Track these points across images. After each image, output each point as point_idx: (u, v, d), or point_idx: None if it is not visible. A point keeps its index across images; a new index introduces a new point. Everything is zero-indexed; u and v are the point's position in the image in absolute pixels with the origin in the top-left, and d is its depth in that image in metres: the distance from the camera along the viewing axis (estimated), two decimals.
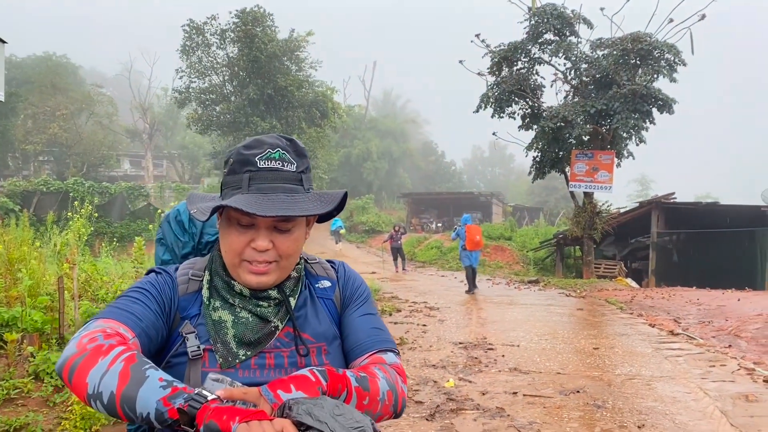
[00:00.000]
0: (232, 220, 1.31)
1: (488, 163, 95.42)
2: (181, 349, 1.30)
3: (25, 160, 45.56)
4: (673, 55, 18.60)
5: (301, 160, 1.36)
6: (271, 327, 1.35)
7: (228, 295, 1.36)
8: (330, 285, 1.50)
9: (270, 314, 1.36)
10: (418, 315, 11.23)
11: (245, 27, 33.47)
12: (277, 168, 1.31)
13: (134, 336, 1.21)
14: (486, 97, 20.92)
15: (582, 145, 20.52)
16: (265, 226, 1.30)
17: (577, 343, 8.61)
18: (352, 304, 1.49)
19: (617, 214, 22.40)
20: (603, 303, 13.48)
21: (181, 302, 1.36)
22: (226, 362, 1.30)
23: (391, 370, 1.36)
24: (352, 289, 1.52)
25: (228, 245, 1.33)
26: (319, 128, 36.29)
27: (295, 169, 1.33)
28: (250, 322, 1.34)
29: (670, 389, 6.13)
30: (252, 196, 1.26)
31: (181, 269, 1.43)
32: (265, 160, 1.30)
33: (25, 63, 46.30)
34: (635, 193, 65.45)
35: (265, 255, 1.31)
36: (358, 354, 1.41)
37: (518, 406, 5.59)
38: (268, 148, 1.31)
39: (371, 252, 30.37)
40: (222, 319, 1.34)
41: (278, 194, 1.28)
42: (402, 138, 53.76)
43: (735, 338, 8.88)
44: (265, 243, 1.30)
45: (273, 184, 1.29)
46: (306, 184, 1.36)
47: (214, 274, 1.40)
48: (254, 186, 1.29)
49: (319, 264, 1.55)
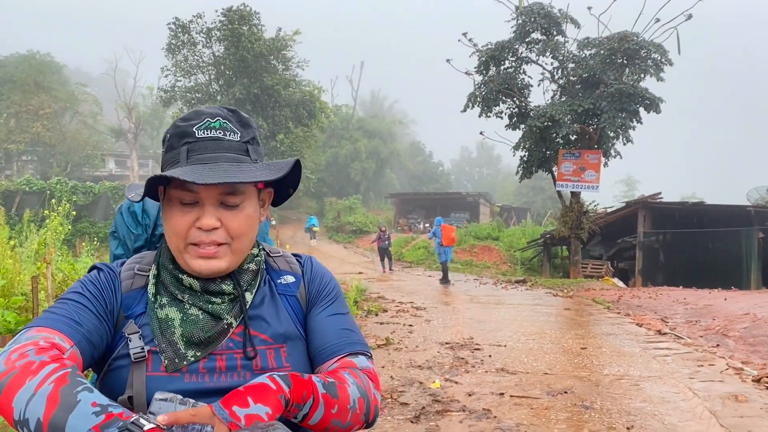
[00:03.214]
0: (174, 200, 1.17)
1: (476, 164, 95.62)
2: (124, 351, 1.17)
3: (8, 159, 44.91)
4: (660, 54, 18.65)
5: (245, 129, 1.23)
6: (223, 325, 1.20)
7: (176, 290, 1.22)
8: (294, 280, 1.35)
9: (223, 311, 1.21)
10: (405, 315, 11.10)
11: (231, 26, 33.19)
12: (218, 137, 1.18)
13: (73, 345, 1.07)
14: (473, 97, 20.87)
15: (569, 145, 20.52)
16: (210, 203, 1.16)
17: (565, 342, 8.52)
18: (320, 303, 1.34)
19: (604, 214, 22.43)
20: (590, 303, 13.43)
21: (124, 300, 1.23)
22: (172, 364, 1.15)
23: (363, 376, 1.22)
24: (319, 286, 1.37)
25: (171, 228, 1.19)
26: (306, 128, 36.02)
27: (239, 138, 1.20)
28: (200, 320, 1.20)
29: (659, 389, 6.04)
30: (191, 167, 1.13)
31: (128, 264, 1.30)
32: (204, 130, 1.17)
33: (8, 61, 45.59)
34: (621, 194, 65.86)
35: (214, 235, 1.17)
36: (326, 357, 1.27)
37: (505, 407, 5.47)
38: (207, 118, 1.19)
39: (358, 252, 30.24)
40: (169, 317, 1.20)
41: (221, 164, 1.15)
42: (390, 138, 53.63)
43: (723, 337, 8.83)
44: (212, 221, 1.15)
45: (215, 154, 1.16)
46: (253, 155, 1.22)
47: (162, 267, 1.26)
48: (193, 158, 1.16)
49: (282, 257, 1.40)
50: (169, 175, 1.10)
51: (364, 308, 11.38)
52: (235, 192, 1.18)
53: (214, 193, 1.15)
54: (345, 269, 21.70)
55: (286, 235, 34.46)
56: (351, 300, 10.87)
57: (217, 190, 1.15)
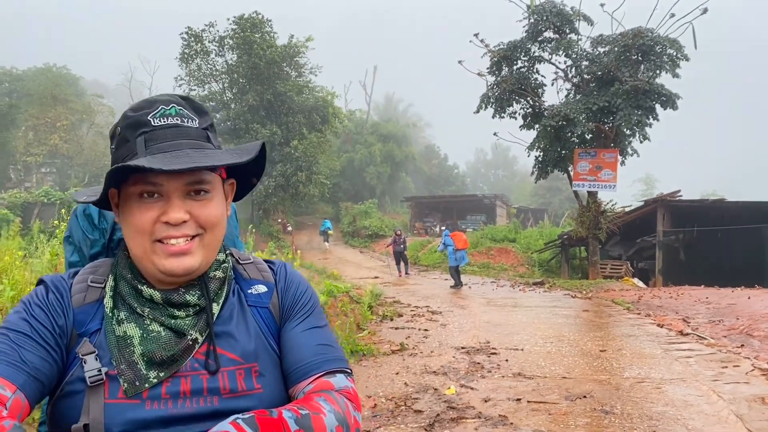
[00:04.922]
0: (133, 196, 1.07)
1: (491, 166, 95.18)
2: (78, 374, 1.05)
3: (27, 171, 45.51)
4: (676, 50, 18.35)
5: (202, 117, 1.14)
6: (187, 341, 1.09)
7: (135, 303, 1.11)
8: (266, 290, 1.23)
9: (186, 326, 1.10)
10: (420, 320, 10.96)
11: (243, 33, 33.38)
12: (176, 124, 1.08)
13: (15, 390, 0.96)
14: (486, 98, 20.71)
15: (585, 144, 20.28)
16: (176, 195, 1.07)
17: (584, 345, 8.33)
18: (295, 316, 1.22)
19: (622, 214, 22.08)
20: (609, 304, 13.19)
21: (77, 316, 1.10)
22: (132, 388, 1.03)
23: (341, 398, 1.10)
24: (294, 297, 1.24)
25: (133, 226, 1.07)
26: (320, 133, 36.04)
27: (198, 125, 1.11)
28: (162, 337, 1.08)
29: (682, 392, 5.85)
30: (152, 157, 1.03)
31: (80, 275, 1.17)
32: (160, 118, 1.08)
33: (26, 75, 46.30)
34: (640, 193, 65.14)
35: (184, 228, 1.07)
36: (301, 377, 1.15)
37: (522, 413, 5.32)
38: (161, 105, 1.09)
39: (374, 256, 30.13)
40: (127, 334, 1.08)
41: (184, 150, 1.05)
42: (404, 142, 53.45)
43: (747, 337, 8.58)
44: (180, 213, 1.06)
45: (176, 141, 1.06)
46: (215, 142, 1.14)
47: (120, 278, 1.14)
48: (153, 147, 1.06)
49: (253, 264, 1.27)
50: (134, 165, 0.99)
51: (379, 313, 11.25)
52: (202, 181, 1.09)
53: (179, 183, 1.06)
54: (361, 274, 21.61)
55: (302, 241, 34.45)
56: (365, 305, 10.73)
57: (182, 179, 1.06)
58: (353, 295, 10.59)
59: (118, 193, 1.11)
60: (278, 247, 26.02)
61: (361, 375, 6.90)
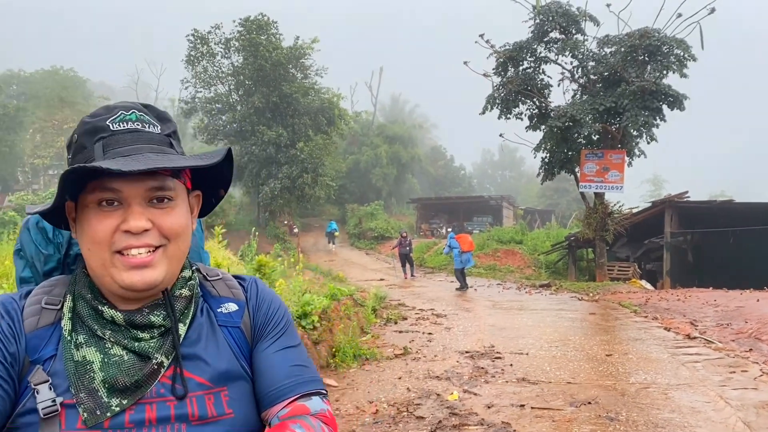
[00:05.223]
0: (90, 205, 0.99)
1: (498, 167, 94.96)
2: (31, 405, 0.96)
3: (35, 174, 45.75)
4: (683, 50, 18.18)
5: (165, 123, 1.07)
6: (152, 366, 1.01)
7: (96, 325, 1.03)
8: (237, 309, 1.16)
9: (151, 349, 1.02)
10: (425, 323, 10.88)
11: (249, 35, 33.43)
12: (136, 129, 1.02)
13: None
14: (492, 99, 20.61)
15: (591, 145, 20.14)
16: (137, 201, 0.99)
17: (589, 349, 8.23)
18: (268, 335, 1.16)
19: (629, 215, 21.88)
20: (616, 306, 13.06)
21: (29, 341, 1.01)
22: (92, 417, 0.95)
23: (317, 423, 1.04)
24: (267, 314, 1.18)
25: (90, 237, 0.99)
26: (325, 135, 36.02)
27: (160, 131, 1.05)
28: (125, 361, 1.00)
29: (689, 398, 5.75)
30: (111, 161, 0.96)
31: (33, 295, 1.08)
32: (119, 123, 1.01)
33: (33, 78, 46.60)
34: (648, 194, 64.72)
35: (146, 237, 0.99)
36: (275, 400, 1.09)
37: (525, 420, 5.24)
38: (121, 111, 1.03)
39: (380, 258, 30.05)
40: (87, 358, 1.00)
41: (145, 154, 0.99)
42: (410, 143, 53.33)
43: (756, 341, 8.45)
44: (141, 221, 0.98)
45: (136, 146, 1.00)
46: (178, 149, 1.07)
47: (78, 298, 1.06)
48: (111, 152, 0.99)
49: (222, 281, 1.20)
50: (90, 167, 0.92)
51: (383, 316, 11.18)
52: (164, 187, 1.01)
53: (140, 189, 0.99)
54: (366, 276, 21.54)
55: (308, 243, 34.45)
56: (369, 308, 10.66)
57: (143, 185, 0.99)
58: (357, 298, 10.51)
59: (75, 207, 1.04)
60: (284, 248, 25.98)
61: (363, 380, 6.84)
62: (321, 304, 7.75)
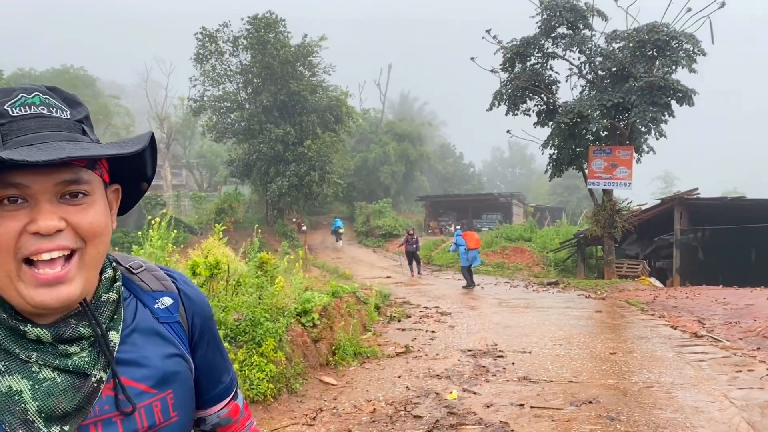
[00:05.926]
0: None
1: (508, 164, 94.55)
2: None
3: None
4: (692, 45, 17.95)
5: (75, 108, 0.94)
6: (92, 384, 0.89)
7: (17, 347, 0.87)
8: (172, 302, 1.06)
9: (87, 364, 0.90)
10: (428, 321, 10.80)
11: (257, 33, 33.38)
12: (41, 114, 0.88)
13: None
14: (499, 95, 20.48)
15: (599, 141, 19.96)
16: (46, 198, 0.85)
17: (593, 348, 8.12)
18: (204, 335, 1.10)
19: (638, 212, 21.69)
20: (623, 304, 12.92)
21: None
22: None
23: None
24: (201, 311, 1.11)
25: None
26: (333, 133, 35.94)
27: (70, 116, 0.91)
28: (58, 384, 0.87)
29: (692, 398, 5.64)
30: (13, 151, 0.81)
31: None
32: (20, 107, 0.87)
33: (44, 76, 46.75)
34: (659, 191, 64.25)
35: (58, 239, 0.85)
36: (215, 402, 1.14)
37: (524, 419, 5.16)
38: (22, 94, 0.88)
39: (388, 256, 29.97)
40: (13, 388, 0.85)
41: (54, 143, 0.85)
42: (419, 141, 53.11)
43: (764, 340, 8.31)
44: (53, 221, 0.84)
45: (42, 133, 0.86)
46: (92, 136, 0.94)
47: None
48: (12, 141, 0.84)
49: (148, 272, 1.09)
50: None
51: (387, 314, 11.11)
52: (79, 180, 0.87)
53: (50, 183, 0.85)
54: (373, 273, 21.47)
55: (316, 240, 34.44)
56: (372, 306, 10.58)
57: (53, 178, 0.85)
58: (360, 296, 10.44)
59: None
60: (292, 246, 25.96)
61: (362, 378, 6.77)
62: (321, 302, 7.69)
